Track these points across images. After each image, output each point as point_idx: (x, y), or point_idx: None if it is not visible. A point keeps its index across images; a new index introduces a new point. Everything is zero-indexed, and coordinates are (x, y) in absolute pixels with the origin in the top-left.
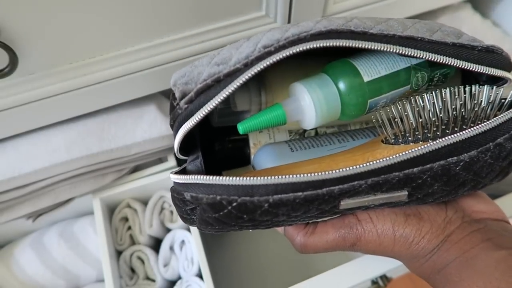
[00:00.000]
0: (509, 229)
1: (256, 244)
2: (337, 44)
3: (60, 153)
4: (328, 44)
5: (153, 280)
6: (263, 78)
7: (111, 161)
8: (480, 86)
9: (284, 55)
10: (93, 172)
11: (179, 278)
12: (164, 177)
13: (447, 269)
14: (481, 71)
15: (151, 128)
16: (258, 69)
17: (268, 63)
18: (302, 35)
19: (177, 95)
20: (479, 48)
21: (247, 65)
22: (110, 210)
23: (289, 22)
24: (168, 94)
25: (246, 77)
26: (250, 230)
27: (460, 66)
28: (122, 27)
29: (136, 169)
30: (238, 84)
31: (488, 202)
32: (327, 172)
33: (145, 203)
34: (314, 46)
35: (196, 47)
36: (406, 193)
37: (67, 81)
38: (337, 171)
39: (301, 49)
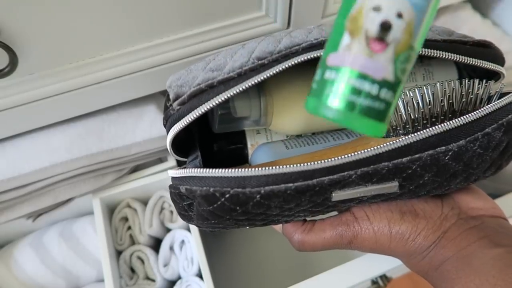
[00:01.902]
0: (506, 226)
1: (256, 244)
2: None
3: (60, 153)
4: (318, 55)
5: (153, 280)
6: (262, 83)
7: (111, 161)
8: (470, 80)
9: (277, 70)
10: (93, 172)
11: (179, 278)
12: (164, 177)
13: (444, 266)
14: (473, 63)
15: (151, 128)
16: (252, 83)
17: (263, 77)
18: (294, 48)
19: (171, 96)
20: (470, 42)
21: (241, 75)
22: (110, 210)
23: (289, 22)
24: None
25: (242, 87)
26: (247, 228)
27: (452, 59)
28: (122, 27)
29: (136, 169)
30: (233, 93)
31: (484, 198)
32: (316, 162)
33: (145, 203)
34: (306, 58)
35: (196, 47)
36: (397, 184)
37: (67, 81)
38: (326, 160)
39: (293, 63)
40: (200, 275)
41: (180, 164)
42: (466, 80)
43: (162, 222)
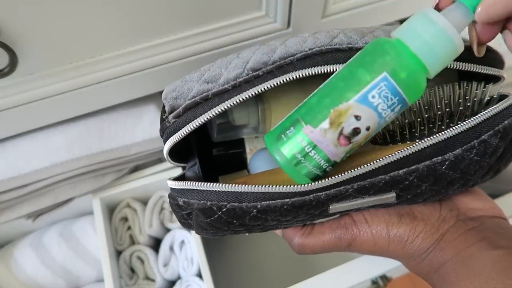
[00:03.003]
0: (505, 227)
1: (256, 244)
2: (320, 71)
3: (60, 153)
4: (312, 73)
5: (153, 280)
6: None
7: (111, 161)
8: (467, 83)
9: (271, 85)
10: (93, 172)
11: (179, 278)
12: (164, 177)
13: (444, 269)
14: (472, 69)
15: (151, 128)
16: (246, 96)
17: (255, 92)
18: (289, 59)
19: (166, 108)
20: (469, 47)
21: (235, 87)
22: (110, 210)
23: (289, 22)
24: None
25: (235, 101)
26: (247, 234)
27: (450, 67)
28: (122, 27)
29: (136, 169)
30: (227, 106)
31: (484, 199)
32: (313, 183)
33: (145, 203)
34: (299, 75)
35: (196, 47)
36: (394, 195)
37: (67, 81)
38: (323, 181)
39: (287, 79)
40: (200, 275)
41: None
42: (464, 83)
43: (162, 222)
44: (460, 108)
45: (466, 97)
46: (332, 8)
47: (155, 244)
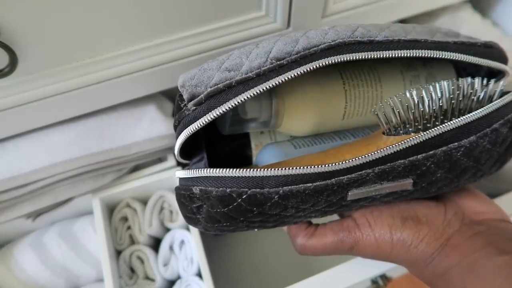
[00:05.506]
0: (510, 230)
1: (256, 244)
2: (346, 59)
3: (60, 153)
4: (337, 61)
5: (153, 280)
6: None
7: (111, 160)
8: (473, 79)
9: (298, 72)
10: (93, 172)
11: (179, 277)
12: (164, 177)
13: (449, 275)
14: (483, 63)
15: (151, 128)
16: (274, 83)
17: (283, 79)
18: (313, 50)
19: (185, 96)
20: (478, 44)
21: (259, 75)
22: (110, 210)
23: (288, 22)
24: (168, 94)
25: (262, 89)
26: (256, 230)
27: (464, 60)
28: (122, 27)
29: (136, 168)
30: (252, 93)
31: (488, 202)
32: (336, 164)
33: (144, 202)
34: (326, 63)
35: (196, 47)
36: (411, 181)
37: (67, 81)
38: (347, 161)
39: (314, 66)
40: (199, 275)
41: (179, 163)
42: (470, 79)
43: (162, 221)
44: (472, 97)
45: (476, 88)
46: (333, 8)
47: (155, 244)
